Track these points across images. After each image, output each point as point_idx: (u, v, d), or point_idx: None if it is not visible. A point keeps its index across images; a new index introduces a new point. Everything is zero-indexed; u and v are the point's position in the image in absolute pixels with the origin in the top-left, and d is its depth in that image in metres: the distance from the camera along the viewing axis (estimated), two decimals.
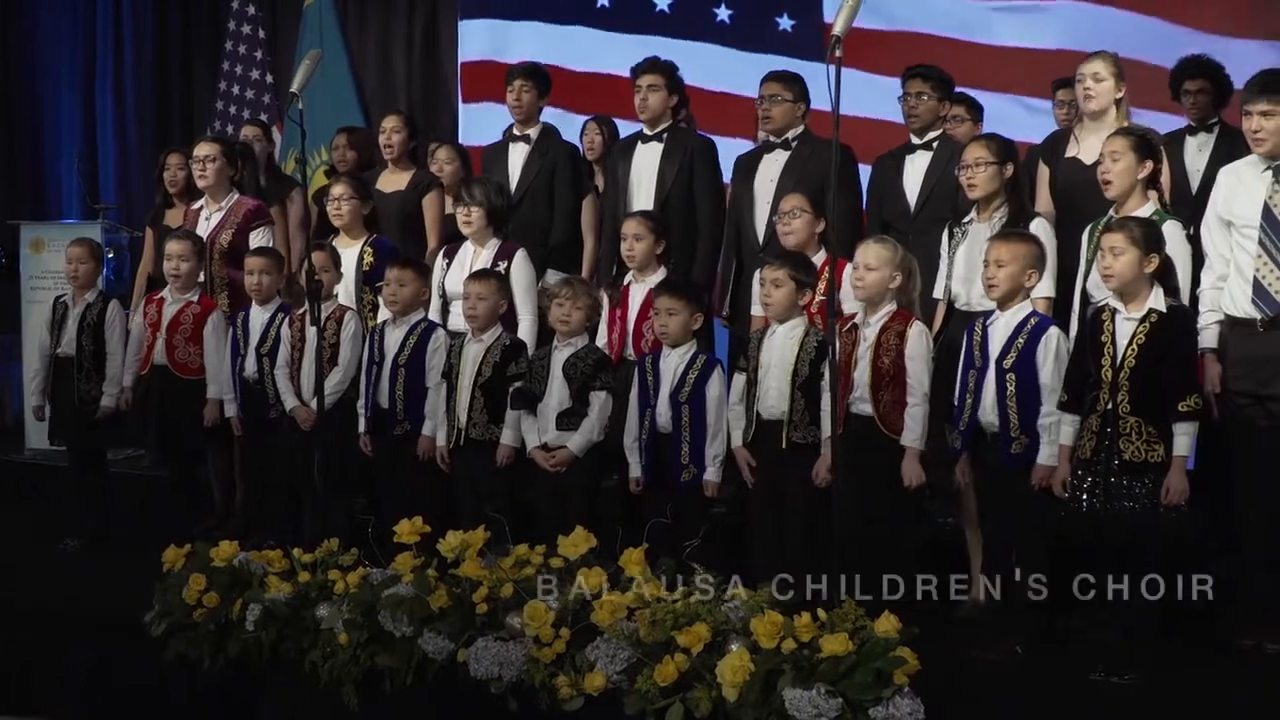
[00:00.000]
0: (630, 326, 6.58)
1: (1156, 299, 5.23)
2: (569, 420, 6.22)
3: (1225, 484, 5.65)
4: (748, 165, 7.09)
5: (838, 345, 5.09)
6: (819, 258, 6.17)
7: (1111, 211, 5.76)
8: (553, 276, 7.10)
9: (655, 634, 4.72)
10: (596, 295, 6.50)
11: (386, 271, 6.84)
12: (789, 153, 6.94)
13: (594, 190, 7.75)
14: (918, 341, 5.71)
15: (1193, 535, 5.38)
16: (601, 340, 6.58)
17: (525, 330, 6.83)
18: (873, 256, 5.72)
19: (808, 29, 8.84)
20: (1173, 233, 5.58)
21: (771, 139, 7.01)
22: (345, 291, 7.20)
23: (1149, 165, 5.73)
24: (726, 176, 7.27)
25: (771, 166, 6.98)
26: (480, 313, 6.51)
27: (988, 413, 5.45)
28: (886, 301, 5.77)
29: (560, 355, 6.26)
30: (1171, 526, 5.09)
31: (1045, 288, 5.78)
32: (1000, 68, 8.44)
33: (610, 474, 6.37)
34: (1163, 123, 6.94)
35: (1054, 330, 5.43)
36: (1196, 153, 6.78)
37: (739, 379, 5.99)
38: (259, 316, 7.21)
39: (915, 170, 6.74)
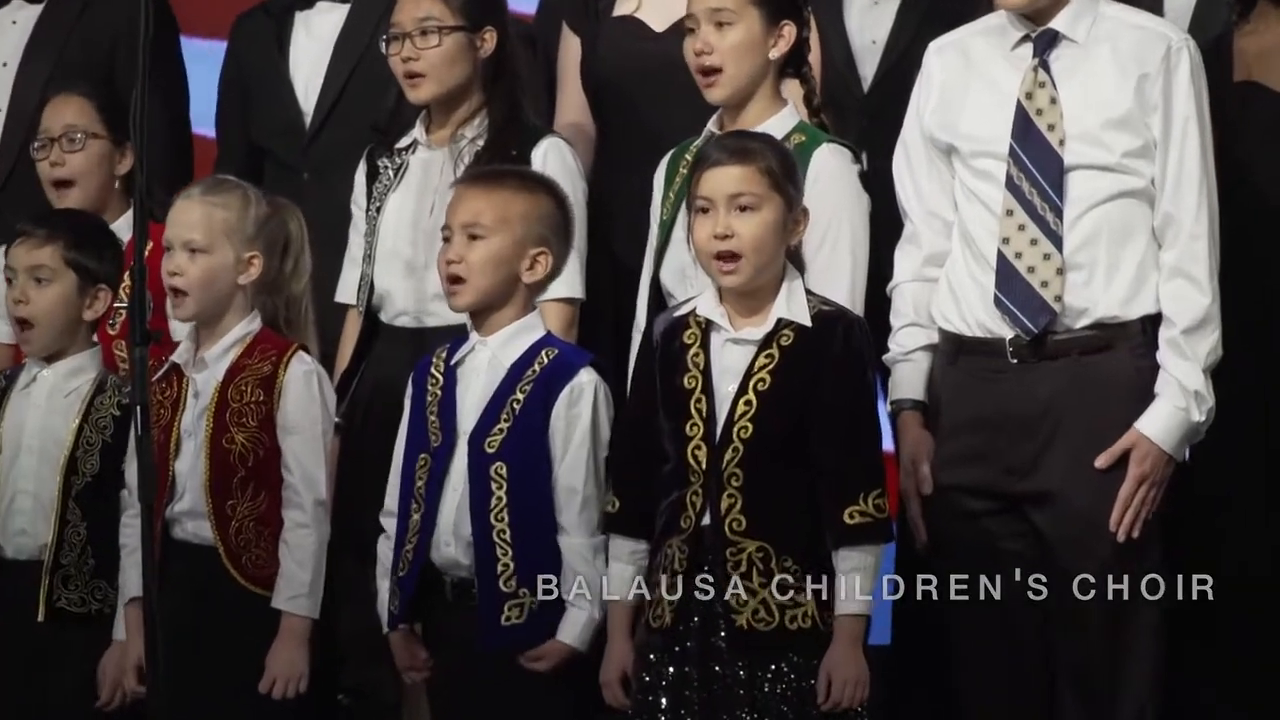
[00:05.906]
0: None
1: (792, 301, 3.95)
2: None
3: (943, 666, 4.25)
4: None
5: (147, 405, 3.81)
6: (123, 226, 4.73)
7: (711, 126, 4.31)
8: None
9: None
10: None
11: None
12: (39, 6, 5.44)
13: None
14: (301, 390, 4.28)
15: None
16: None
17: None
18: (199, 222, 4.33)
19: None
20: (834, 166, 4.18)
21: None
22: None
23: (785, 34, 4.25)
24: None
25: (8, 37, 5.49)
26: None
27: (446, 542, 4.13)
28: (238, 313, 4.34)
29: None
30: None
31: (565, 283, 4.39)
32: None
33: None
34: None
35: (586, 377, 4.15)
36: (871, 6, 5.06)
37: None
38: None
39: (310, 45, 5.11)
